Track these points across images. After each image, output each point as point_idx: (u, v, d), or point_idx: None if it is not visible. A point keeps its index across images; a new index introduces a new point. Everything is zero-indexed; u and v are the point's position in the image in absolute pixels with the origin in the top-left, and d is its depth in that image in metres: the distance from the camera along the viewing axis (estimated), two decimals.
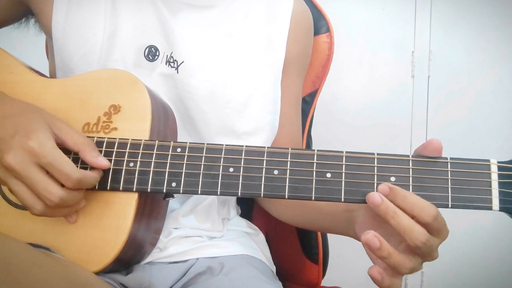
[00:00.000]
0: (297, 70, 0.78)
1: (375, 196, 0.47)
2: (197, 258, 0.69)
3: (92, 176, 0.54)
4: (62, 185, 0.52)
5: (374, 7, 1.66)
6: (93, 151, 0.55)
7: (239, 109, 0.69)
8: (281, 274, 0.84)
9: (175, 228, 0.70)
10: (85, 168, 0.56)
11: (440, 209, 0.48)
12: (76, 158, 0.56)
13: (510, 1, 1.61)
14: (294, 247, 0.89)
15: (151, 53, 0.68)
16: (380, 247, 0.45)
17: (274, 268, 0.80)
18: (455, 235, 1.64)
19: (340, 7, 1.64)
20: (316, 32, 0.86)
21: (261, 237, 0.84)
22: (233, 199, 0.82)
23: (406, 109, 1.68)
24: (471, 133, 1.65)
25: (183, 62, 0.68)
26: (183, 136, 0.70)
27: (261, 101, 0.71)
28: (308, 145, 0.92)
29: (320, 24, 0.89)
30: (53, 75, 0.76)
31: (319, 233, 0.88)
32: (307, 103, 0.91)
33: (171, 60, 0.68)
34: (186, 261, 0.69)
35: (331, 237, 0.88)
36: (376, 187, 0.50)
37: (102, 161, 0.55)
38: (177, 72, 0.68)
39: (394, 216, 0.46)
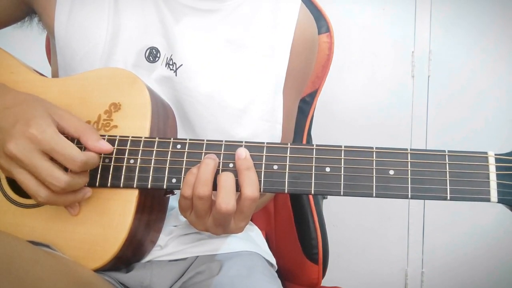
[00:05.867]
0: (292, 83, 0.75)
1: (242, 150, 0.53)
2: (197, 256, 0.69)
3: (94, 157, 0.54)
4: (66, 171, 0.52)
5: (374, 7, 1.66)
6: (94, 135, 0.55)
7: (237, 115, 0.69)
8: (281, 274, 0.83)
9: (175, 226, 0.71)
10: None
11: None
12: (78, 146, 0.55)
13: (510, 1, 1.61)
14: (294, 247, 0.89)
15: (152, 55, 0.68)
16: None
17: (274, 260, 0.80)
18: (455, 235, 1.65)
19: (340, 7, 1.65)
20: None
21: (256, 230, 0.84)
22: None
23: (406, 109, 1.68)
24: (471, 133, 1.65)
25: (182, 65, 0.68)
26: (181, 137, 0.70)
27: (260, 109, 0.70)
28: None
29: (320, 24, 0.88)
30: (55, 74, 0.76)
31: (319, 233, 0.87)
32: (307, 103, 0.91)
33: (171, 63, 0.68)
34: (185, 259, 0.69)
35: (331, 237, 0.88)
36: (375, 181, 0.50)
37: (104, 145, 0.55)
38: (176, 75, 0.68)
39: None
